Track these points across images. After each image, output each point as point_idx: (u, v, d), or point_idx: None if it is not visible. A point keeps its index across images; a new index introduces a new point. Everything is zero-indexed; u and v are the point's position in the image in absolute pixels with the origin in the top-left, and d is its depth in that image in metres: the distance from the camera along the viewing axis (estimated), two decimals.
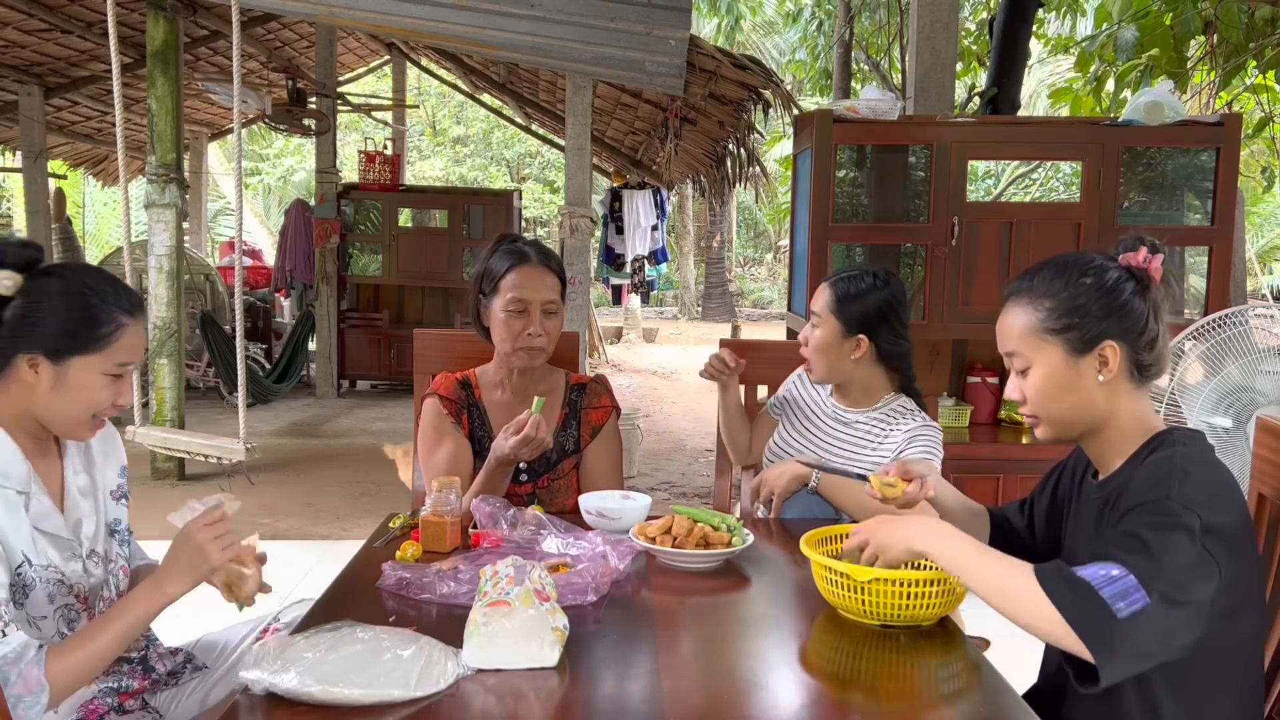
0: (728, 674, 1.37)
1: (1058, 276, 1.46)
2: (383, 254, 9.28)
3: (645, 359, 13.48)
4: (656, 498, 4.68)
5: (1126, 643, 1.22)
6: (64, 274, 1.51)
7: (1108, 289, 1.43)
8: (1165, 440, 1.42)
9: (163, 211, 5.55)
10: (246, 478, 5.52)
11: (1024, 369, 1.48)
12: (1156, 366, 1.46)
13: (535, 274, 2.16)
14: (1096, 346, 1.42)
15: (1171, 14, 4.90)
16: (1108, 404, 1.44)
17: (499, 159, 21.77)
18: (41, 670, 1.34)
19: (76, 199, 14.82)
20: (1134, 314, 1.42)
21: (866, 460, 2.17)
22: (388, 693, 1.21)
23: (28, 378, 1.47)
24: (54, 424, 1.52)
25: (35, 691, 1.33)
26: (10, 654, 1.33)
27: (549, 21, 4.37)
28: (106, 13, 4.36)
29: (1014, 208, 6.17)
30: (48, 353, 1.46)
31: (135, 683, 1.62)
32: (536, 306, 2.14)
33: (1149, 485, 1.34)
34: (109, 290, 1.51)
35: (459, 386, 2.25)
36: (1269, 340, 3.06)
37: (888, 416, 2.21)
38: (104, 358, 1.49)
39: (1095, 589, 1.24)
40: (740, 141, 6.69)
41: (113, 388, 1.52)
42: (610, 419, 2.29)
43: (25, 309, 1.46)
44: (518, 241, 2.23)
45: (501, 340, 2.16)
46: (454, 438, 2.18)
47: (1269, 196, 13.66)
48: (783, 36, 16.75)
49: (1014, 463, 3.78)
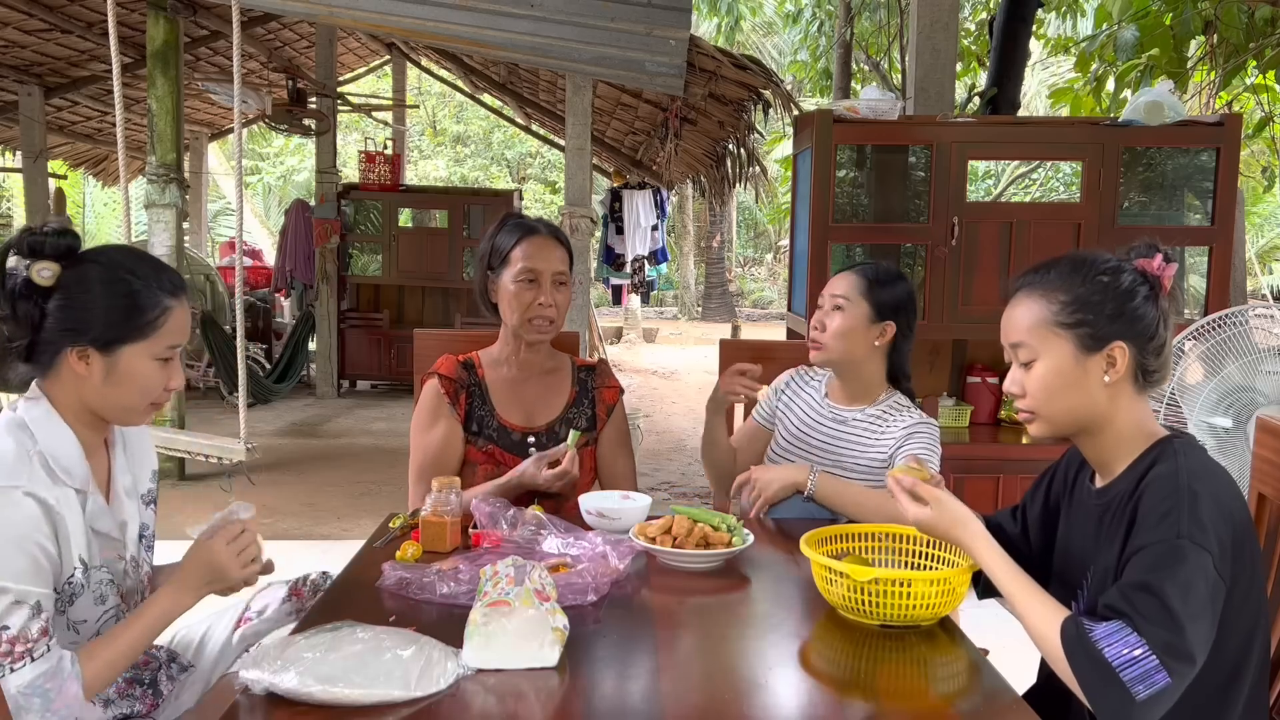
0: (728, 674, 1.37)
1: (1075, 272, 1.45)
2: (383, 254, 9.28)
3: (645, 359, 13.48)
4: (656, 498, 4.68)
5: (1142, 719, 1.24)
6: (102, 260, 1.46)
7: (1124, 290, 1.42)
8: (1166, 451, 1.40)
9: (163, 211, 5.54)
10: (246, 478, 5.51)
11: (1028, 361, 1.47)
12: (1160, 374, 1.46)
13: (545, 245, 2.16)
14: (1106, 346, 1.42)
15: (1171, 14, 4.90)
16: (1109, 406, 1.44)
17: (499, 159, 21.77)
18: (80, 684, 1.35)
19: (76, 199, 14.83)
20: (1146, 318, 1.42)
21: (864, 457, 2.17)
22: (388, 693, 1.21)
23: (79, 370, 1.44)
24: (110, 413, 1.50)
25: (73, 705, 1.34)
26: (50, 669, 1.33)
27: (549, 21, 4.37)
28: (106, 13, 4.36)
29: (1014, 208, 6.17)
30: (97, 344, 1.43)
31: (144, 707, 1.62)
32: (547, 276, 2.14)
33: (1158, 518, 1.32)
34: (150, 273, 1.47)
35: (460, 367, 2.24)
36: (1269, 340, 3.06)
37: (885, 413, 2.20)
38: (153, 343, 1.46)
39: (1116, 671, 1.24)
40: (740, 141, 6.69)
41: (164, 371, 1.49)
42: (619, 399, 2.33)
43: (69, 301, 1.42)
44: (526, 217, 2.25)
45: (511, 312, 2.15)
46: (448, 421, 2.18)
47: (1269, 196, 13.66)
48: (782, 37, 16.75)
49: (1014, 463, 3.78)
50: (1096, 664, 1.26)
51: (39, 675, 1.32)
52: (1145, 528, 1.33)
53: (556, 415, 2.24)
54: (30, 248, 1.41)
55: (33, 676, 1.31)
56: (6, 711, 1.41)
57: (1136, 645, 1.24)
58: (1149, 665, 1.23)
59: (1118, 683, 1.24)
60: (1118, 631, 1.26)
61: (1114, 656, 1.25)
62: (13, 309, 1.41)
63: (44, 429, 1.43)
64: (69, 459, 1.44)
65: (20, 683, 1.31)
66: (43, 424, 1.44)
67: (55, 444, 1.43)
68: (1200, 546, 1.27)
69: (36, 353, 1.45)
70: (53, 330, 1.43)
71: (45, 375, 1.47)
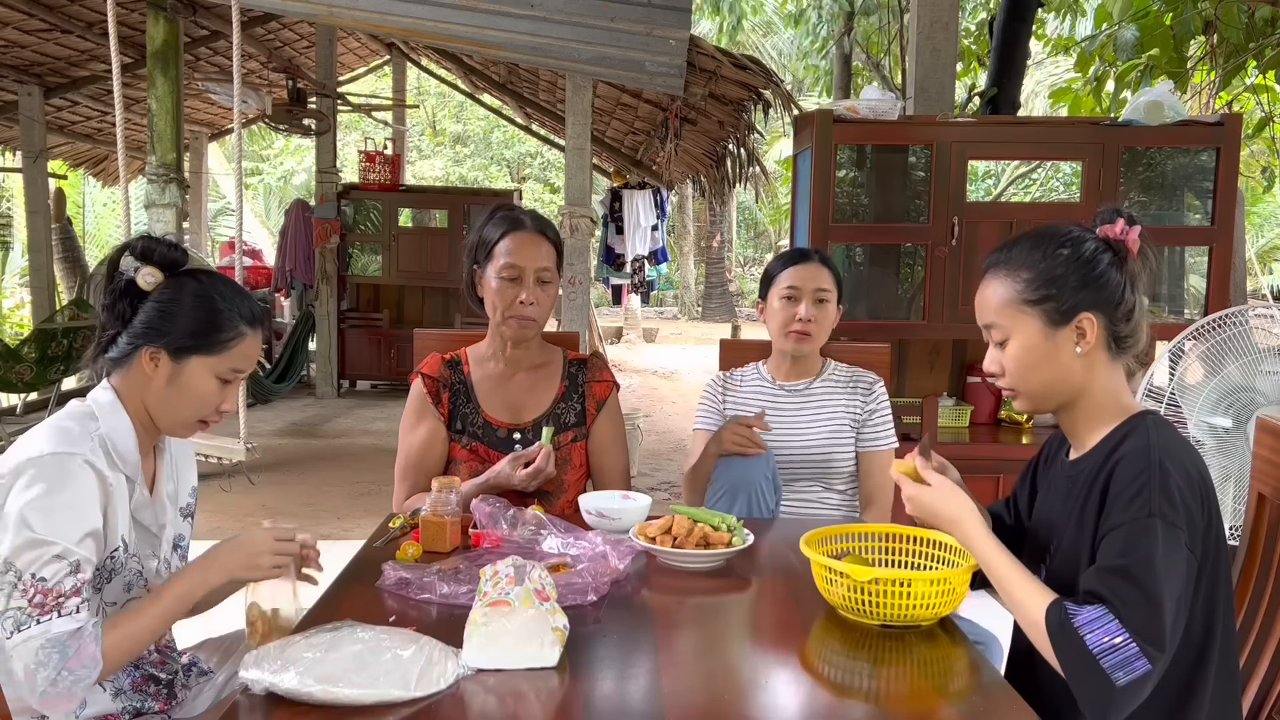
0: (728, 674, 1.37)
1: (1035, 248, 1.46)
2: (383, 254, 9.28)
3: (645, 359, 13.48)
4: (656, 498, 4.68)
5: (1122, 705, 1.26)
6: (201, 278, 1.59)
7: (1085, 260, 1.43)
8: (1139, 426, 1.41)
9: (163, 211, 5.54)
10: (246, 478, 5.52)
11: (1002, 340, 1.49)
12: (1133, 338, 1.46)
13: (530, 240, 2.12)
14: (1074, 318, 1.43)
15: (1171, 14, 4.91)
16: (1084, 375, 1.45)
17: (499, 159, 21.78)
18: (98, 646, 1.39)
19: (76, 199, 14.80)
20: (1111, 285, 1.43)
21: (830, 416, 2.37)
22: (388, 693, 1.21)
23: (147, 369, 1.54)
24: (162, 420, 1.59)
25: (89, 666, 1.37)
26: (73, 629, 1.37)
27: (549, 21, 4.37)
28: (106, 13, 4.36)
29: (1014, 208, 6.18)
30: (170, 349, 1.54)
31: (158, 705, 1.64)
32: (530, 274, 2.10)
33: (1130, 496, 1.33)
34: (236, 299, 1.59)
35: (445, 365, 2.23)
36: (1269, 340, 3.06)
37: (832, 376, 2.42)
38: (220, 360, 1.56)
39: (1097, 659, 1.26)
40: (740, 141, 6.69)
41: (221, 392, 1.59)
42: (613, 394, 2.29)
43: (161, 306, 1.55)
44: (514, 210, 2.20)
45: (493, 309, 2.13)
46: (431, 421, 2.18)
47: (1269, 196, 13.66)
48: (782, 37, 16.76)
49: (1014, 463, 3.77)
50: (1078, 651, 1.28)
51: (62, 632, 1.36)
52: (1118, 506, 1.34)
53: (544, 411, 2.21)
54: (143, 252, 1.55)
55: (57, 632, 1.36)
56: (7, 712, 1.42)
57: (1117, 633, 1.26)
58: (1129, 653, 1.25)
59: (1099, 669, 1.26)
60: (1099, 619, 1.28)
61: (1095, 644, 1.27)
62: (113, 303, 1.56)
63: (108, 415, 1.54)
64: (125, 446, 1.54)
65: (48, 634, 1.35)
66: (107, 411, 1.54)
67: (115, 430, 1.53)
68: (1172, 524, 1.29)
69: (118, 345, 1.56)
70: (138, 328, 1.55)
71: (118, 368, 1.57)
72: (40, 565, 1.37)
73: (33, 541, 1.37)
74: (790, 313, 2.33)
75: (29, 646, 1.34)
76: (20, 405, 7.40)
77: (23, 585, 1.36)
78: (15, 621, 1.35)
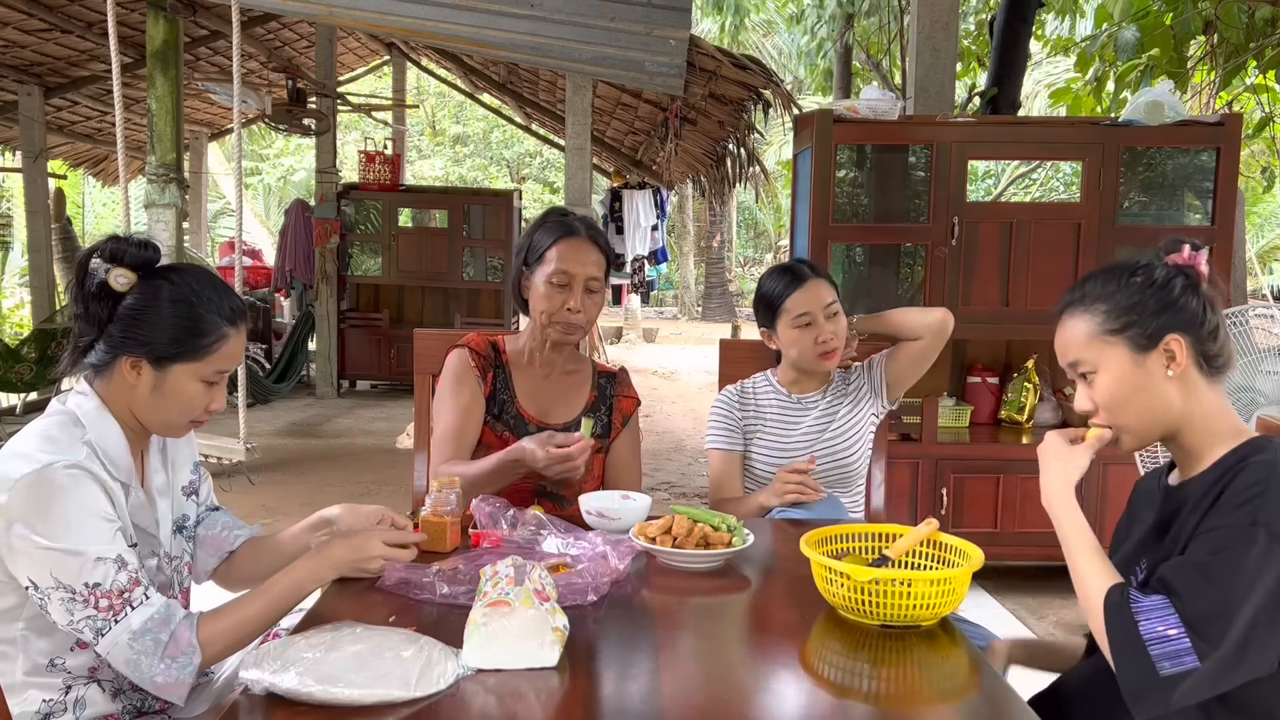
0: (728, 674, 1.37)
1: (1108, 281, 1.45)
2: (382, 254, 9.28)
3: (645, 359, 13.47)
4: (656, 498, 4.68)
5: (1163, 697, 1.24)
6: (175, 279, 1.53)
7: (1160, 285, 1.42)
8: (1268, 445, 1.36)
9: (163, 211, 5.54)
10: (246, 478, 5.52)
11: (1090, 374, 1.46)
12: (1223, 357, 1.44)
13: (582, 248, 2.11)
14: (1160, 341, 1.40)
15: (1171, 14, 4.91)
16: (1183, 400, 1.41)
17: (499, 159, 21.79)
18: (193, 633, 1.39)
19: (76, 199, 14.82)
20: (1190, 307, 1.41)
21: (854, 416, 2.39)
22: (388, 693, 1.21)
23: (129, 378, 1.51)
24: (151, 424, 1.56)
25: (187, 653, 1.38)
26: (157, 615, 1.38)
27: (549, 21, 4.37)
28: (106, 13, 4.36)
29: (1014, 208, 6.17)
30: (151, 358, 1.50)
31: (158, 704, 1.62)
32: (579, 281, 2.09)
33: (1240, 502, 1.28)
34: (214, 298, 1.54)
35: (489, 346, 2.21)
36: (1269, 340, 3.06)
37: (841, 385, 2.43)
38: (204, 365, 1.53)
39: (1145, 645, 1.24)
40: (740, 141, 6.69)
41: (208, 394, 1.56)
42: (636, 411, 2.31)
43: (136, 311, 1.50)
44: (568, 216, 2.19)
45: (540, 312, 2.12)
46: (473, 390, 2.14)
47: (1269, 196, 13.66)
48: (782, 37, 16.75)
49: (1014, 463, 3.77)
50: (1129, 634, 1.26)
51: (146, 620, 1.37)
52: (1223, 510, 1.30)
53: (573, 416, 2.21)
54: (113, 254, 1.49)
55: (141, 621, 1.37)
56: (7, 712, 1.41)
57: (1174, 626, 1.24)
58: (1180, 646, 1.23)
59: (1145, 655, 1.24)
60: (1159, 608, 1.26)
61: (1147, 631, 1.25)
62: (86, 308, 1.50)
63: (94, 422, 1.50)
64: (116, 452, 1.51)
65: (131, 629, 1.36)
66: (93, 417, 1.50)
67: (104, 437, 1.50)
68: (1276, 536, 1.23)
69: (97, 352, 1.52)
70: (115, 335, 1.50)
71: (99, 375, 1.53)
72: (87, 573, 1.37)
73: (67, 555, 1.36)
74: (812, 337, 2.29)
75: (119, 646, 1.37)
76: (20, 405, 7.39)
77: (82, 596, 1.36)
78: (94, 629, 1.37)
